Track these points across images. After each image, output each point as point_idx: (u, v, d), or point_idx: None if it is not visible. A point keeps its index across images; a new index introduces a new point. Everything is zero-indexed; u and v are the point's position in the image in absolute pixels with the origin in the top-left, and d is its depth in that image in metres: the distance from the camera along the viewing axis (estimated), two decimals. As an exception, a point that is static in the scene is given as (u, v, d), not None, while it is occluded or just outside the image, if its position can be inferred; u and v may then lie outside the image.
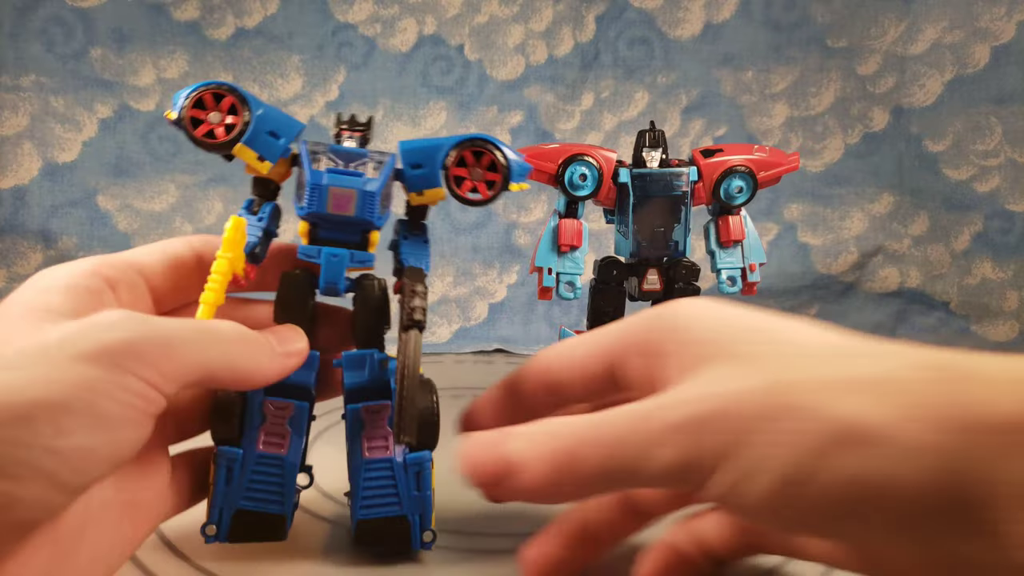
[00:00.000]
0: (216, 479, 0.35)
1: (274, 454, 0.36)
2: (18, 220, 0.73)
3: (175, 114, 0.35)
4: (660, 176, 0.45)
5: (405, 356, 0.33)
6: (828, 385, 0.23)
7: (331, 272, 0.36)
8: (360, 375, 0.36)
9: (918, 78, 0.76)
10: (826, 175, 0.81)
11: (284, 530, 0.36)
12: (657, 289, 0.46)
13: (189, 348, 0.29)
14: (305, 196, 0.35)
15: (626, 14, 0.78)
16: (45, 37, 0.72)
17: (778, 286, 0.80)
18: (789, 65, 0.79)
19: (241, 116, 0.35)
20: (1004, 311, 0.74)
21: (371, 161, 0.37)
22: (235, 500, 0.35)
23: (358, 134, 0.38)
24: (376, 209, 0.36)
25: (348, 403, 0.37)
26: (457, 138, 0.37)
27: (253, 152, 0.36)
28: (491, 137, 0.37)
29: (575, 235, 0.45)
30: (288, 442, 0.36)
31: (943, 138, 0.75)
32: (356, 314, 0.37)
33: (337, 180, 0.36)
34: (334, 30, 0.77)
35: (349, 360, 0.37)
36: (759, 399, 0.23)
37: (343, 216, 0.36)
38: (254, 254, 0.36)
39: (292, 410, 0.36)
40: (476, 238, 0.80)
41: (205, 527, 0.35)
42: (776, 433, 0.22)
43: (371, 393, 0.37)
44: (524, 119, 0.79)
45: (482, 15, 0.78)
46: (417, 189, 0.38)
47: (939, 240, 0.77)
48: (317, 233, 0.36)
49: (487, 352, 0.79)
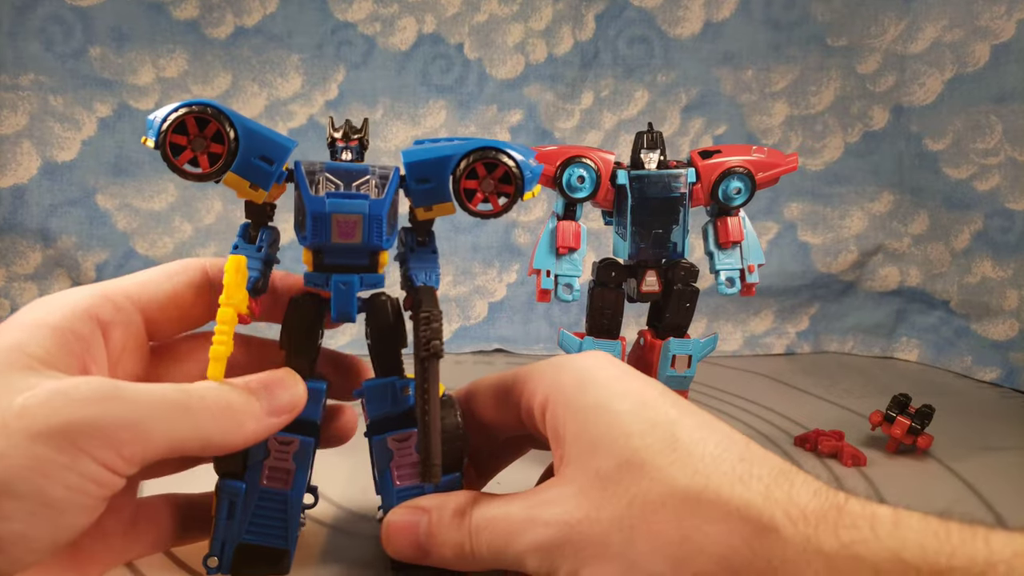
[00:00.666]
0: (218, 512, 0.34)
1: (278, 489, 0.35)
2: (17, 219, 0.73)
3: (152, 140, 0.32)
4: (658, 178, 0.45)
5: (426, 393, 0.31)
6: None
7: (343, 301, 0.34)
8: (384, 406, 0.36)
9: (918, 77, 0.76)
10: (826, 174, 0.80)
11: (287, 563, 0.35)
12: (656, 290, 0.46)
13: (159, 425, 0.28)
14: (307, 226, 0.33)
15: (626, 13, 0.78)
16: (44, 36, 0.72)
17: (778, 285, 0.80)
18: (789, 64, 0.79)
19: (226, 144, 0.32)
20: (1004, 310, 0.74)
21: (373, 178, 0.34)
22: (237, 534, 0.35)
23: (354, 142, 0.35)
24: (384, 232, 0.34)
25: (373, 434, 0.36)
26: (465, 148, 0.34)
27: (245, 181, 0.33)
28: (500, 143, 0.35)
29: (573, 237, 0.45)
30: (292, 478, 0.35)
31: (943, 137, 0.75)
32: (372, 340, 0.36)
33: (340, 206, 0.33)
34: (333, 29, 0.77)
35: (371, 391, 0.36)
36: (602, 531, 0.28)
37: (349, 244, 0.33)
38: (256, 287, 0.34)
39: (297, 445, 0.35)
40: (476, 237, 0.80)
41: (207, 559, 0.35)
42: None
43: (396, 422, 0.36)
44: (524, 118, 0.79)
45: (482, 14, 0.77)
46: (425, 204, 0.35)
47: (939, 239, 0.77)
48: (322, 260, 0.34)
49: (487, 352, 0.79)
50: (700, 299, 0.47)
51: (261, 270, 0.34)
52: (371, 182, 0.34)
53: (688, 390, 0.48)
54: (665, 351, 0.46)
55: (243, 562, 0.35)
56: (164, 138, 0.32)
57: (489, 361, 0.76)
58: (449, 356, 0.77)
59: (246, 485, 0.34)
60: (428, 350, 0.32)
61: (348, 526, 0.42)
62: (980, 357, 0.75)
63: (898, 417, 0.53)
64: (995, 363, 0.73)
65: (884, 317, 0.82)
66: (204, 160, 0.32)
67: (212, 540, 0.35)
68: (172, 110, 0.32)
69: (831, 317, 0.83)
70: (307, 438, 0.35)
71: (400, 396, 0.36)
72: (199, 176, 0.33)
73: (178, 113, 0.32)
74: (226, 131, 0.32)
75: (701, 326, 0.81)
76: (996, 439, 0.57)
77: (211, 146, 0.32)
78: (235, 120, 0.32)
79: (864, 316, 0.82)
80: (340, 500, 0.44)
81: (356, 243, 0.33)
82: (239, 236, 0.35)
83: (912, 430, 0.53)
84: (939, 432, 0.54)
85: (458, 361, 0.76)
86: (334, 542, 0.40)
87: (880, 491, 0.47)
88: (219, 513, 0.34)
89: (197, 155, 0.32)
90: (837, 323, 0.83)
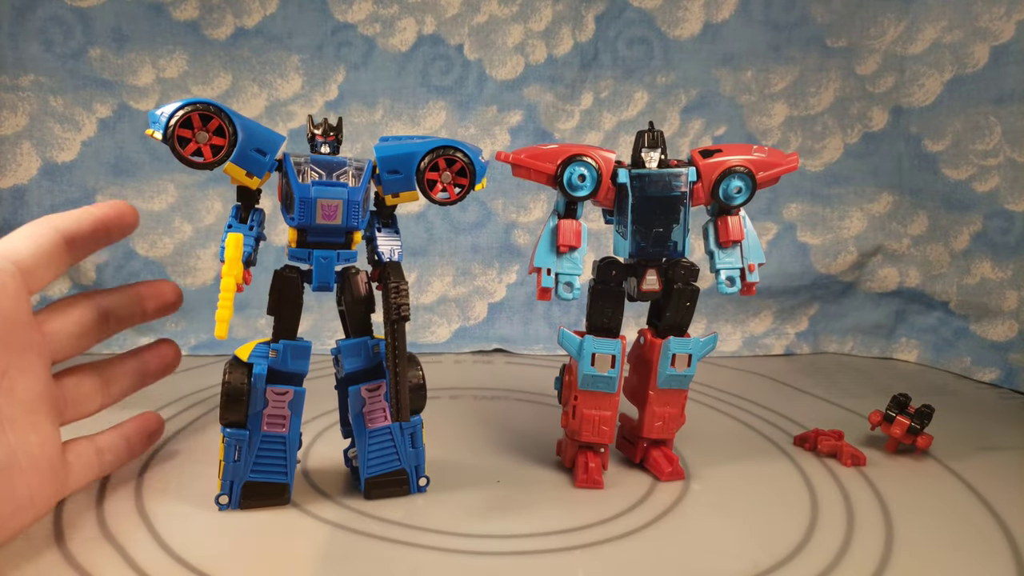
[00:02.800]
0: (226, 457, 0.41)
1: (277, 433, 0.41)
2: (17, 220, 0.73)
3: (159, 133, 0.38)
4: (659, 176, 0.45)
5: (396, 349, 0.39)
6: None
7: (323, 273, 0.41)
8: (357, 361, 0.43)
9: (917, 78, 0.76)
10: (825, 175, 0.81)
11: (288, 495, 0.43)
12: (656, 289, 0.46)
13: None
14: (295, 208, 0.39)
15: (625, 14, 0.78)
16: (44, 37, 0.72)
17: (777, 286, 0.80)
18: (788, 65, 0.79)
19: (227, 138, 0.38)
20: (1003, 311, 0.74)
21: (351, 168, 0.40)
22: (243, 474, 0.41)
23: (331, 138, 0.42)
24: (359, 214, 0.40)
25: (348, 384, 0.43)
26: (429, 145, 0.42)
27: (242, 170, 0.39)
28: (459, 143, 0.42)
29: (574, 235, 0.45)
30: (288, 423, 0.41)
31: (942, 138, 0.75)
32: (346, 306, 0.43)
33: (324, 192, 0.39)
34: (333, 30, 0.77)
35: (346, 348, 0.43)
36: None
37: (331, 225, 0.40)
38: (249, 260, 0.40)
39: (292, 395, 0.41)
40: (476, 238, 0.80)
41: (218, 497, 0.41)
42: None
43: (367, 375, 0.43)
44: (523, 119, 0.79)
45: (481, 15, 0.77)
46: (393, 192, 0.42)
47: (938, 240, 0.77)
48: (306, 238, 0.40)
49: (486, 352, 0.79)
50: (700, 299, 0.47)
51: (253, 246, 0.40)
52: (349, 172, 0.40)
53: (688, 389, 0.48)
54: (665, 350, 0.46)
55: (250, 497, 0.42)
56: (173, 132, 0.37)
57: (489, 361, 0.76)
58: (449, 356, 0.77)
59: (249, 432, 0.41)
60: (398, 314, 0.39)
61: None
62: (979, 358, 0.75)
63: (898, 417, 0.53)
64: (994, 364, 0.74)
65: (883, 318, 0.82)
66: (207, 151, 0.38)
67: (221, 481, 0.41)
68: (179, 106, 0.37)
69: (830, 318, 0.83)
70: (299, 388, 0.42)
71: (370, 353, 0.43)
72: (203, 165, 0.38)
73: (185, 109, 0.37)
74: (227, 126, 0.38)
75: (701, 326, 0.81)
76: (995, 439, 0.57)
77: (213, 139, 0.38)
78: (233, 117, 0.38)
79: (863, 317, 0.82)
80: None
81: (337, 224, 0.40)
82: (232, 217, 0.41)
83: (912, 430, 0.53)
84: (938, 432, 0.54)
85: (458, 361, 0.76)
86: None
87: (879, 491, 0.47)
88: (227, 457, 0.41)
89: (201, 147, 0.38)
90: (836, 324, 0.83)
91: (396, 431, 0.43)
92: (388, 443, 0.43)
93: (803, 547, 0.40)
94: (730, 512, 0.44)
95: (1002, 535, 0.42)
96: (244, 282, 0.39)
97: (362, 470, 0.43)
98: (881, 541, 0.41)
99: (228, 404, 0.40)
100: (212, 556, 0.37)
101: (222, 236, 0.39)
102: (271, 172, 0.40)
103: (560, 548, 0.40)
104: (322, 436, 0.53)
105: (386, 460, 0.44)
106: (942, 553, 0.40)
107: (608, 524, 0.42)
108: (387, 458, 0.44)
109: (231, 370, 0.40)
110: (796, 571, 0.38)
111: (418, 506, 0.43)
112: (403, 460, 0.44)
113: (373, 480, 0.43)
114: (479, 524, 0.42)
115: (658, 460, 0.49)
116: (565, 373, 0.48)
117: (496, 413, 0.60)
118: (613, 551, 0.39)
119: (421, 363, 0.44)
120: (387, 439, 0.43)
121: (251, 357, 0.41)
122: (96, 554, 0.37)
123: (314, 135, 0.41)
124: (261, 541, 0.39)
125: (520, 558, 0.38)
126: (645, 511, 0.44)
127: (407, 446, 0.44)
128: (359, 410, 0.43)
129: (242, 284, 0.38)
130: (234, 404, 0.40)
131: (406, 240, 0.79)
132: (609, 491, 0.46)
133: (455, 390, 0.66)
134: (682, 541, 0.41)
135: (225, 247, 0.37)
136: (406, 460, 0.44)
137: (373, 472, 0.43)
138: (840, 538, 0.41)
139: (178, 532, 0.39)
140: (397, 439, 0.43)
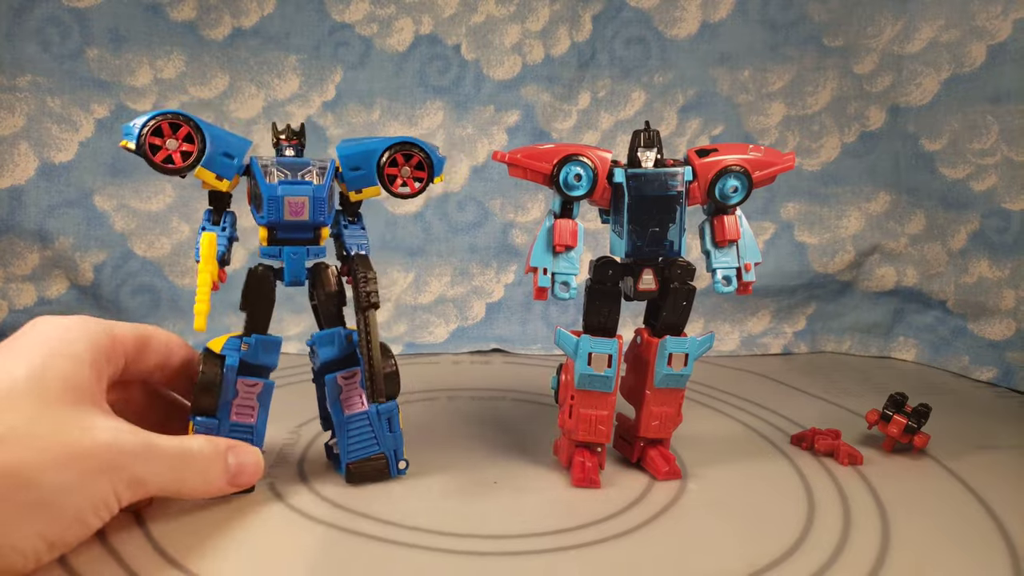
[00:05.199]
0: None
1: (245, 423, 0.43)
2: (15, 220, 0.73)
3: (132, 143, 0.40)
4: (655, 176, 0.45)
5: (368, 335, 0.41)
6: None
7: (294, 268, 0.43)
8: (332, 350, 0.45)
9: (915, 77, 0.76)
10: (823, 174, 0.81)
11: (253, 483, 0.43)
12: (652, 289, 0.46)
13: (158, 479, 0.37)
14: (263, 207, 0.42)
15: (622, 13, 0.78)
16: (41, 37, 0.72)
17: (775, 285, 0.81)
18: (786, 64, 0.79)
19: (196, 143, 0.40)
20: (1001, 310, 0.74)
21: (314, 168, 0.43)
22: None
23: (295, 142, 0.44)
24: (325, 210, 0.42)
25: (325, 373, 0.45)
26: (387, 142, 0.44)
27: (212, 173, 0.41)
28: (416, 139, 0.45)
29: (570, 235, 0.45)
30: (256, 413, 0.43)
31: (940, 137, 0.75)
32: (318, 299, 0.45)
33: (290, 190, 0.42)
34: (331, 30, 0.77)
35: (320, 339, 0.45)
36: None
37: (299, 221, 0.42)
38: (223, 259, 0.42)
39: (261, 387, 0.44)
40: (473, 238, 0.80)
41: None
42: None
43: (342, 363, 0.45)
44: (521, 118, 0.79)
45: (479, 15, 0.77)
46: (356, 188, 0.45)
47: (936, 239, 0.77)
48: (276, 235, 0.43)
49: (484, 352, 0.79)
50: (697, 299, 0.47)
51: (227, 246, 0.42)
52: (312, 171, 0.43)
53: (685, 388, 0.48)
54: (662, 349, 0.46)
55: None
56: (144, 139, 0.40)
57: (487, 361, 0.76)
58: (447, 356, 0.77)
59: (218, 420, 0.42)
60: (368, 301, 0.41)
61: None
62: (977, 357, 0.75)
63: (895, 416, 0.53)
64: (992, 363, 0.74)
65: (881, 317, 0.82)
66: (178, 157, 0.40)
67: None
68: (150, 117, 0.40)
69: (828, 317, 0.83)
70: (268, 381, 0.44)
71: (344, 343, 0.45)
72: (175, 170, 0.40)
73: (156, 119, 0.40)
74: (196, 132, 0.40)
75: (698, 326, 0.81)
76: (993, 438, 0.57)
77: (183, 145, 0.40)
78: (201, 124, 0.41)
79: (861, 316, 0.82)
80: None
81: (304, 220, 0.42)
82: (205, 220, 0.43)
83: (909, 429, 0.53)
84: (936, 431, 0.54)
85: (456, 361, 0.76)
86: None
87: (876, 490, 0.47)
88: None
89: (172, 153, 0.40)
90: (834, 323, 0.83)
91: (374, 416, 0.45)
92: (366, 428, 0.45)
93: (799, 546, 0.40)
94: (727, 511, 0.44)
95: (999, 534, 0.42)
96: (220, 279, 0.41)
97: (343, 456, 0.45)
98: (878, 540, 0.41)
99: (201, 393, 0.41)
100: (197, 551, 0.37)
101: (196, 238, 0.41)
102: (240, 176, 0.42)
103: (557, 548, 0.39)
104: (322, 436, 0.53)
105: (365, 445, 0.45)
106: (939, 552, 0.40)
107: (605, 523, 0.42)
108: (366, 443, 0.45)
109: (205, 361, 0.42)
110: (792, 570, 0.38)
111: (415, 506, 0.43)
112: (382, 444, 0.45)
113: (354, 465, 0.45)
114: (476, 524, 0.42)
115: (655, 459, 0.49)
116: (562, 372, 0.49)
117: (493, 413, 0.60)
118: (610, 550, 0.39)
119: (393, 352, 0.46)
120: (365, 424, 0.45)
121: (223, 349, 0.43)
122: (82, 549, 0.37)
123: (279, 140, 0.44)
124: (252, 538, 0.39)
125: (517, 558, 0.38)
126: (642, 510, 0.44)
127: (385, 430, 0.45)
128: (336, 397, 0.45)
129: (217, 282, 0.40)
130: (207, 393, 0.42)
131: (404, 240, 0.79)
132: (606, 490, 0.46)
133: (453, 391, 0.66)
134: (679, 540, 0.41)
135: (200, 246, 0.39)
136: (385, 444, 0.45)
137: (354, 457, 0.45)
138: (837, 537, 0.42)
139: (166, 527, 0.40)
140: (375, 424, 0.45)
